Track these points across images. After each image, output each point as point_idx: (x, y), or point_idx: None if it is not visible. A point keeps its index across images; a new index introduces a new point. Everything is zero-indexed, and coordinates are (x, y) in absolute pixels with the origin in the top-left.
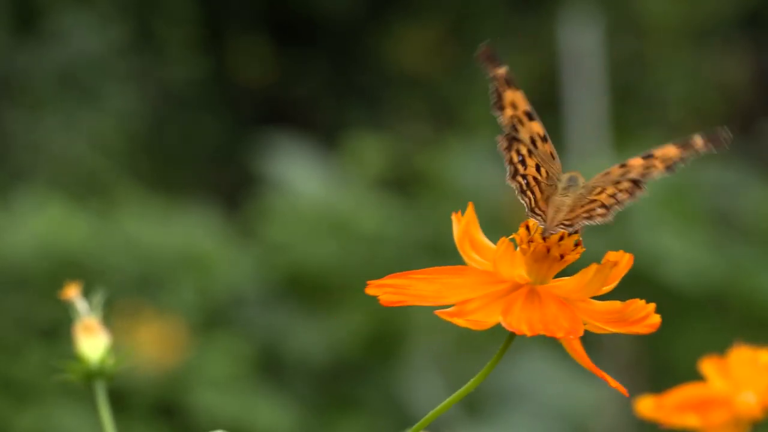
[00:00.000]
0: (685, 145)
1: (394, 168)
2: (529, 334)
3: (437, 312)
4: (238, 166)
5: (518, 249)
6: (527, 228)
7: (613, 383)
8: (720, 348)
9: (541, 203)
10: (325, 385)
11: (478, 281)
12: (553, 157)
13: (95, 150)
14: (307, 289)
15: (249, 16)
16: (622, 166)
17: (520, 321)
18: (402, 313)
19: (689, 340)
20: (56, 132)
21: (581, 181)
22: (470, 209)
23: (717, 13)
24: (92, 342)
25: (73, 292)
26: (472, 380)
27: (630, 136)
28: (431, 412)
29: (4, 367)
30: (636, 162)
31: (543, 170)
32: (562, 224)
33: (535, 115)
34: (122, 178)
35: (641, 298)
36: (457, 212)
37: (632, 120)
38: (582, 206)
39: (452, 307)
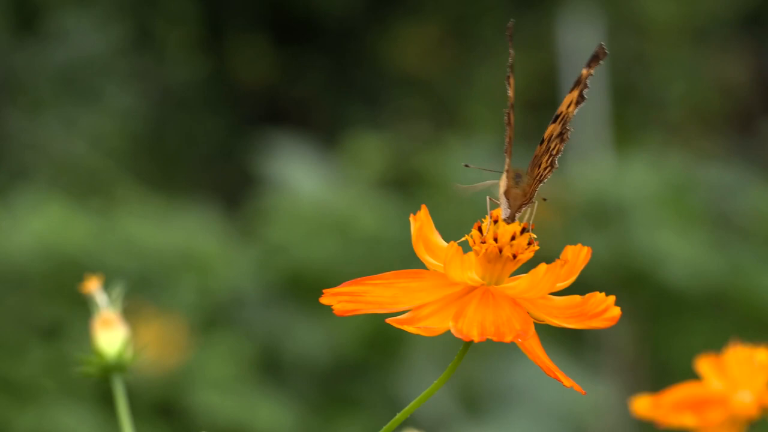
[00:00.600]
0: (576, 83)
1: (394, 168)
2: (476, 340)
3: (388, 320)
4: (238, 166)
5: (470, 253)
6: (479, 229)
7: (569, 383)
8: (720, 348)
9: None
10: (325, 385)
11: (435, 284)
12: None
13: (95, 150)
14: (307, 289)
15: (249, 16)
16: (541, 143)
17: (471, 326)
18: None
19: (689, 340)
20: (56, 132)
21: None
22: (424, 210)
23: (717, 13)
24: (110, 335)
25: (92, 285)
26: (444, 374)
27: (630, 136)
28: (412, 402)
29: (4, 367)
30: (549, 130)
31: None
32: (522, 206)
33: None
34: (122, 178)
35: (641, 298)
36: (415, 214)
37: (632, 120)
38: (530, 185)
39: (405, 313)
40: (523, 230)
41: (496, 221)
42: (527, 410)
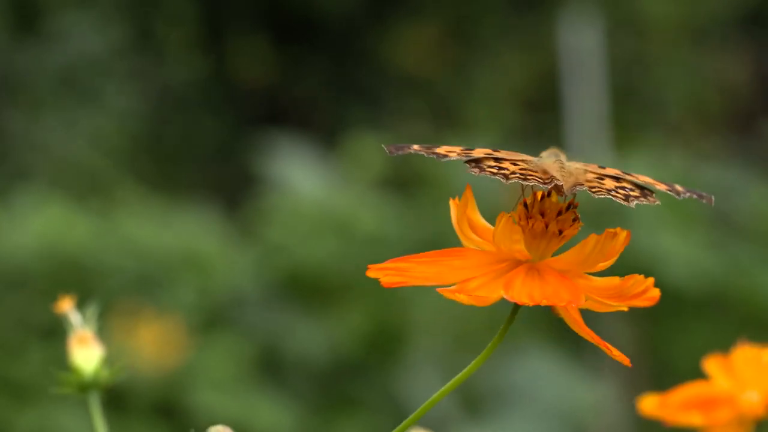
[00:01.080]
0: (669, 186)
1: (394, 168)
2: (530, 303)
3: (439, 290)
4: (238, 166)
5: (517, 226)
6: (525, 205)
7: (616, 353)
8: (720, 348)
9: (545, 174)
10: (325, 385)
11: (479, 262)
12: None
13: (95, 150)
14: (307, 289)
15: (249, 15)
16: (602, 167)
17: (521, 294)
18: (402, 313)
19: (689, 340)
20: (56, 132)
21: (563, 156)
22: (468, 191)
23: (717, 13)
24: (86, 353)
25: (66, 305)
26: (473, 361)
27: (630, 136)
28: (429, 400)
29: (4, 367)
30: (616, 171)
31: (519, 162)
32: (580, 185)
33: (468, 148)
34: (122, 178)
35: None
36: (455, 199)
37: (632, 120)
38: (588, 180)
39: (453, 285)
40: (569, 206)
41: (542, 198)
42: (527, 410)
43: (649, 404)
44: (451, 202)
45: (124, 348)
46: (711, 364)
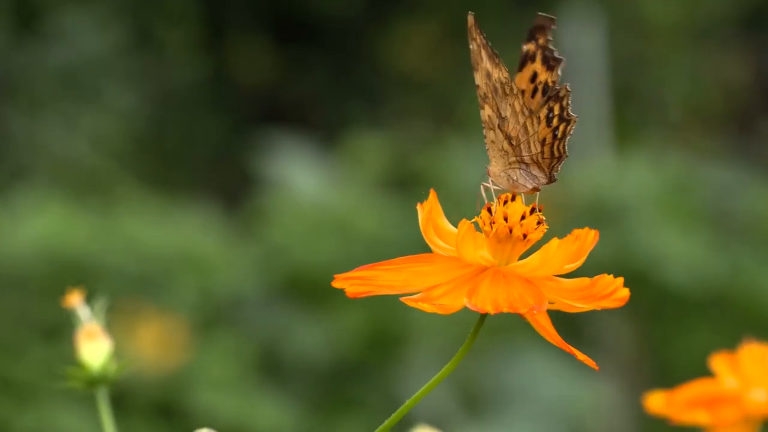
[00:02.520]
0: (527, 58)
1: (394, 168)
2: (492, 312)
3: (403, 299)
4: (238, 166)
5: (482, 231)
6: (489, 210)
7: (581, 357)
8: (719, 348)
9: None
10: (325, 385)
11: (445, 267)
12: None
13: (95, 150)
14: (307, 289)
15: (249, 16)
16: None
17: (485, 301)
18: (401, 313)
19: (689, 340)
20: (56, 132)
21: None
22: (432, 195)
23: (717, 13)
24: (94, 348)
25: (75, 299)
26: (450, 362)
27: (630, 136)
28: (412, 397)
29: (4, 367)
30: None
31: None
32: (554, 169)
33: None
34: (122, 178)
35: (642, 298)
36: (422, 203)
37: (632, 120)
38: (543, 155)
39: (418, 294)
40: (532, 210)
41: (505, 202)
42: (527, 410)
43: (656, 402)
44: (418, 207)
45: (124, 348)
46: (717, 363)
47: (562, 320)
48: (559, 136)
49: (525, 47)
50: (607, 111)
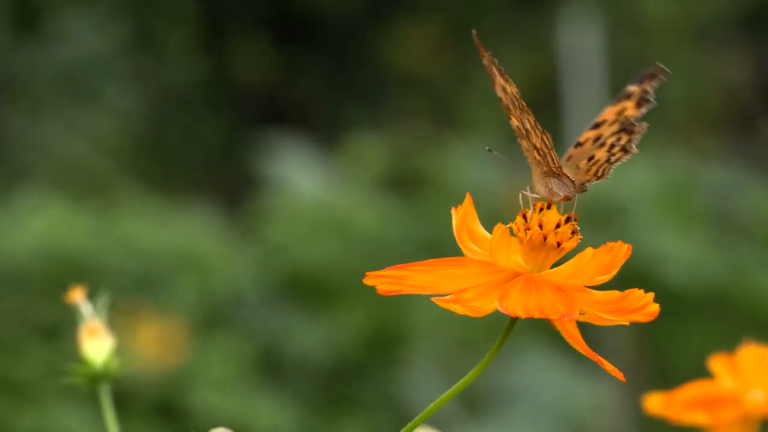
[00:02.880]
0: (625, 96)
1: (394, 168)
2: (523, 316)
3: (434, 299)
4: (239, 166)
5: (515, 237)
6: (524, 216)
7: (609, 367)
8: (719, 348)
9: (559, 168)
10: (325, 385)
11: (476, 271)
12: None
13: (95, 150)
14: (308, 289)
15: (249, 16)
16: (577, 145)
17: (516, 306)
18: (402, 314)
19: (689, 340)
20: (56, 132)
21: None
22: (468, 200)
23: (717, 13)
24: (96, 345)
25: (77, 295)
26: (472, 371)
27: None
28: (430, 406)
29: (4, 367)
30: (590, 134)
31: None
32: (587, 183)
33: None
34: (122, 178)
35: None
36: (456, 207)
37: None
38: (588, 171)
39: (449, 295)
40: (568, 219)
41: (541, 209)
42: (527, 410)
43: (655, 403)
44: (453, 211)
45: (124, 348)
46: (716, 364)
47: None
48: (612, 161)
49: (630, 88)
50: None
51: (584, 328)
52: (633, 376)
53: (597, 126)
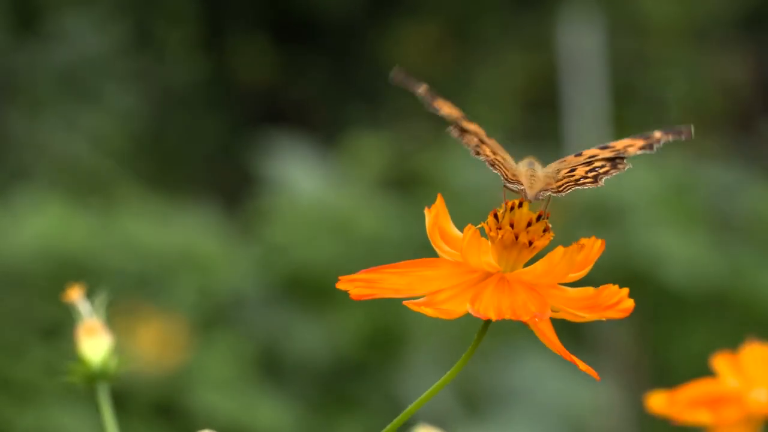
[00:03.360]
0: (645, 137)
1: (394, 168)
2: (494, 318)
3: (406, 303)
4: (238, 166)
5: (487, 237)
6: (495, 216)
7: (583, 367)
8: (719, 348)
9: (513, 176)
10: (325, 385)
11: (450, 272)
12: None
13: (95, 150)
14: (307, 289)
15: (249, 15)
16: (578, 155)
17: (488, 308)
18: (402, 314)
19: (689, 340)
20: (56, 132)
21: (537, 165)
22: (439, 200)
23: (717, 13)
24: (94, 344)
25: (75, 294)
26: (453, 367)
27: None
28: (416, 401)
29: (4, 367)
30: (592, 151)
31: (500, 155)
32: (545, 191)
33: (468, 118)
34: (122, 178)
35: (641, 298)
36: (430, 207)
37: (632, 120)
38: (558, 180)
39: (422, 298)
40: (539, 217)
41: (512, 208)
42: (527, 410)
43: (658, 402)
44: (426, 211)
45: (124, 348)
46: (719, 362)
47: (561, 321)
48: (578, 183)
49: (657, 134)
50: (607, 111)
51: (584, 328)
52: (633, 376)
53: (605, 147)
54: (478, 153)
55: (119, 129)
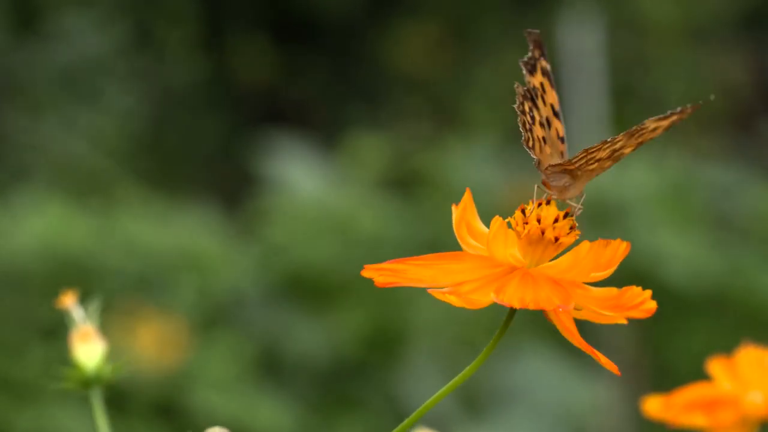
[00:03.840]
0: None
1: (394, 168)
2: (518, 306)
3: (431, 291)
4: (238, 166)
5: (513, 231)
6: (523, 211)
7: (604, 360)
8: (719, 348)
9: (537, 142)
10: (325, 385)
11: (474, 266)
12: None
13: (95, 150)
14: (308, 289)
15: (249, 16)
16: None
17: (512, 298)
18: (402, 314)
19: (689, 341)
20: (56, 132)
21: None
22: (467, 195)
23: (717, 13)
24: (88, 349)
25: (69, 300)
26: (472, 364)
27: None
28: (428, 401)
29: (4, 367)
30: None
31: (552, 127)
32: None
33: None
34: (122, 178)
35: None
36: (457, 204)
37: (632, 120)
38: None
39: (447, 288)
40: (566, 214)
41: (540, 204)
42: (527, 410)
43: (653, 405)
44: (453, 207)
45: (123, 348)
46: (715, 365)
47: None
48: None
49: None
50: (607, 111)
51: (583, 329)
52: (633, 376)
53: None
54: (523, 112)
55: (119, 129)
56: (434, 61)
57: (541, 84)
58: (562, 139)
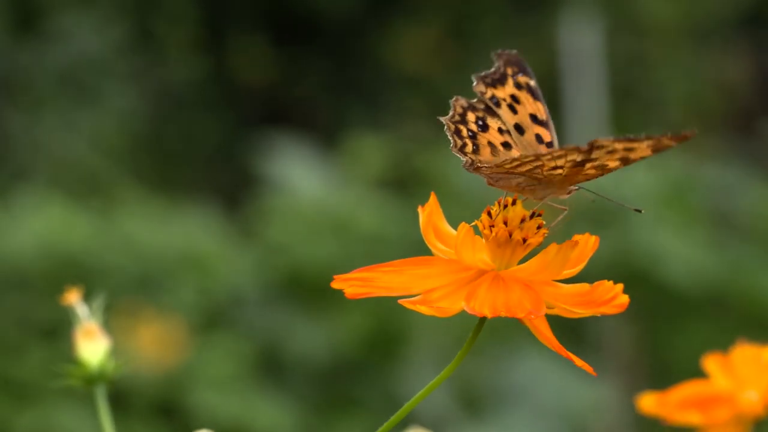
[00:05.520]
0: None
1: (394, 168)
2: (489, 316)
3: (401, 301)
4: (238, 166)
5: (481, 235)
6: (489, 214)
7: (579, 363)
8: (719, 347)
9: (486, 147)
10: (325, 385)
11: (444, 270)
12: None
13: (95, 150)
14: (307, 289)
15: (249, 16)
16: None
17: (483, 305)
18: (401, 313)
19: (689, 340)
20: (56, 132)
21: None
22: (432, 198)
23: (717, 13)
24: (92, 346)
25: (73, 297)
26: (448, 366)
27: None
28: (412, 399)
29: (4, 367)
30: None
31: (528, 133)
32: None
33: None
34: (122, 178)
35: (642, 298)
36: (423, 206)
37: (632, 120)
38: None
39: (417, 296)
40: (533, 215)
41: (506, 206)
42: (527, 410)
43: (649, 403)
44: (419, 210)
45: (124, 348)
46: (710, 363)
47: (561, 320)
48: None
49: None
50: (607, 111)
51: (584, 327)
52: (633, 376)
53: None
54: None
55: (119, 129)
56: (434, 61)
57: (512, 96)
58: (549, 144)
